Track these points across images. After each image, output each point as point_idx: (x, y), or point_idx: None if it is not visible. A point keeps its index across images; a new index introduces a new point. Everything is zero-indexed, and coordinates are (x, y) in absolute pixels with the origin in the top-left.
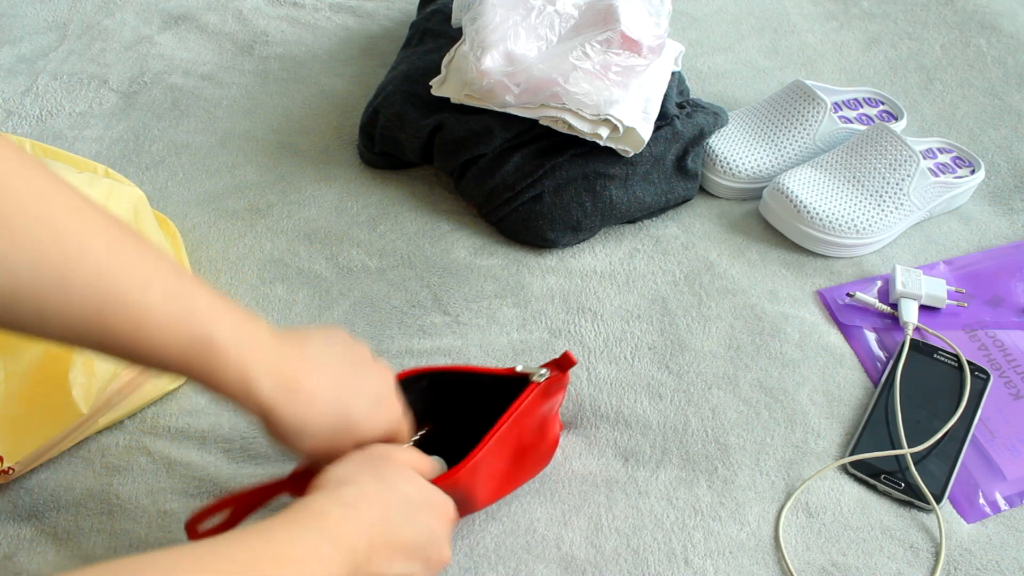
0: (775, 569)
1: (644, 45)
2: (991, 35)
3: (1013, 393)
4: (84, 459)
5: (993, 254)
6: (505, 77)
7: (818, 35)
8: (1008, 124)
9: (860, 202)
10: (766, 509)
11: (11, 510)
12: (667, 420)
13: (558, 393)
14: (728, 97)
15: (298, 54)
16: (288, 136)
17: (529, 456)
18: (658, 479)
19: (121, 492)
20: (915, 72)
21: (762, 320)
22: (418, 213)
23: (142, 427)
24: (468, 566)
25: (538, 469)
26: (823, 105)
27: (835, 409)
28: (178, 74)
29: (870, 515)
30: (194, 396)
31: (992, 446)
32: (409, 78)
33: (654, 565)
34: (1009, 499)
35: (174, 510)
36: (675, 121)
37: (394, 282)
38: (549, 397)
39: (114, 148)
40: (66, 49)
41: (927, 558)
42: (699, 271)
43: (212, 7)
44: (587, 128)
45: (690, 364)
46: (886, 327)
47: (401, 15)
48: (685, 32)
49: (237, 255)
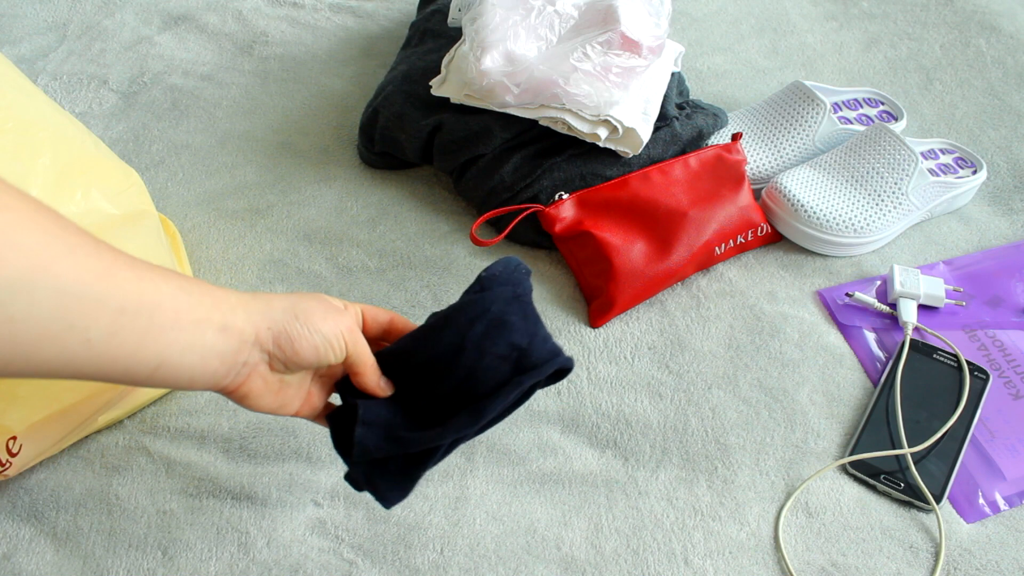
0: (775, 569)
1: (644, 46)
2: (991, 35)
3: (1013, 393)
4: (83, 459)
5: (993, 254)
6: (505, 77)
7: (818, 35)
8: (1008, 124)
9: (859, 201)
10: (766, 509)
11: (10, 509)
12: (667, 420)
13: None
14: (728, 97)
15: (298, 54)
16: (288, 136)
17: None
18: (658, 479)
19: (120, 492)
20: (915, 72)
21: (761, 320)
22: (418, 213)
23: (141, 427)
24: (468, 566)
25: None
26: (822, 106)
27: (835, 409)
28: (178, 74)
29: (870, 515)
30: (194, 396)
31: (992, 446)
32: (409, 78)
33: (654, 565)
34: (1009, 499)
35: (173, 510)
36: (674, 123)
37: (394, 282)
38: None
39: (114, 148)
40: (66, 49)
41: (927, 558)
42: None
43: (212, 7)
44: (586, 128)
45: (690, 364)
46: (885, 327)
47: (401, 15)
48: (685, 32)
49: (237, 255)
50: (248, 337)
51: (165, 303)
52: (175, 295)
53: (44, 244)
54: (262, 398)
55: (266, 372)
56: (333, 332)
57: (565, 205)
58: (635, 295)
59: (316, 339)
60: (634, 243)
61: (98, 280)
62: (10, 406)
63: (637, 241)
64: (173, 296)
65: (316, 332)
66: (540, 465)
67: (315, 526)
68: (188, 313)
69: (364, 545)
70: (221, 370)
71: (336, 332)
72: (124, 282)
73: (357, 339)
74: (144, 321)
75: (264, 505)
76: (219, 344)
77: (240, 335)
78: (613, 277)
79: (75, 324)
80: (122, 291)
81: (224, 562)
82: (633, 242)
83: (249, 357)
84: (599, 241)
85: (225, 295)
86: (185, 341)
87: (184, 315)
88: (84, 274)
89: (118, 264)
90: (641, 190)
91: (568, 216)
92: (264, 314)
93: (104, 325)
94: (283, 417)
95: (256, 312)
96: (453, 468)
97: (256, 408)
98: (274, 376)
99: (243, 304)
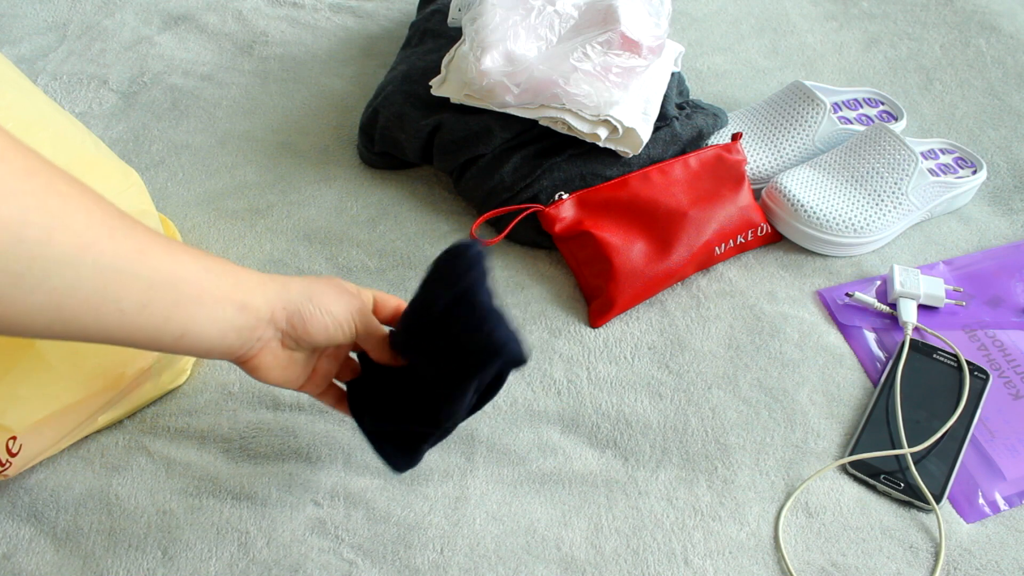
0: (775, 569)
1: (644, 46)
2: (991, 35)
3: (1012, 393)
4: (83, 458)
5: (993, 254)
6: (505, 77)
7: (818, 35)
8: (1008, 124)
9: (858, 201)
10: (766, 509)
11: (10, 509)
12: (667, 420)
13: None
14: (728, 97)
15: (298, 54)
16: (288, 136)
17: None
18: (658, 479)
19: (120, 491)
20: (915, 72)
21: (761, 320)
22: (418, 213)
23: (141, 427)
24: (468, 566)
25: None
26: (822, 106)
27: (835, 409)
28: (178, 74)
29: (870, 515)
30: (194, 396)
31: (992, 446)
32: (409, 78)
33: (654, 565)
34: (1009, 499)
35: (173, 510)
36: (674, 123)
37: (394, 282)
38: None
39: (114, 148)
40: (66, 49)
41: (927, 558)
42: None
43: (212, 7)
44: (586, 128)
45: (690, 364)
46: (885, 327)
47: (401, 15)
48: (685, 32)
49: (237, 255)
50: (264, 315)
51: (191, 280)
52: (200, 274)
53: (89, 225)
54: (271, 371)
55: (277, 348)
56: (343, 314)
57: (565, 205)
58: (635, 295)
59: (327, 320)
60: (634, 243)
61: (134, 258)
62: (10, 406)
63: (637, 241)
64: (198, 275)
65: (327, 313)
66: (540, 465)
67: (315, 526)
68: (211, 291)
69: (364, 545)
70: (237, 343)
71: (346, 314)
72: (156, 260)
73: (368, 320)
74: (172, 296)
75: (264, 505)
76: (238, 320)
77: (257, 313)
78: (613, 277)
79: (112, 296)
80: (154, 268)
81: (224, 562)
82: (633, 242)
83: (264, 333)
84: (599, 241)
85: (247, 276)
86: (207, 316)
87: (208, 293)
88: (122, 252)
89: (152, 244)
90: (641, 190)
91: (568, 216)
92: (280, 295)
93: (136, 298)
94: (283, 417)
95: (273, 293)
96: (453, 468)
97: (265, 379)
98: (284, 352)
99: (261, 285)
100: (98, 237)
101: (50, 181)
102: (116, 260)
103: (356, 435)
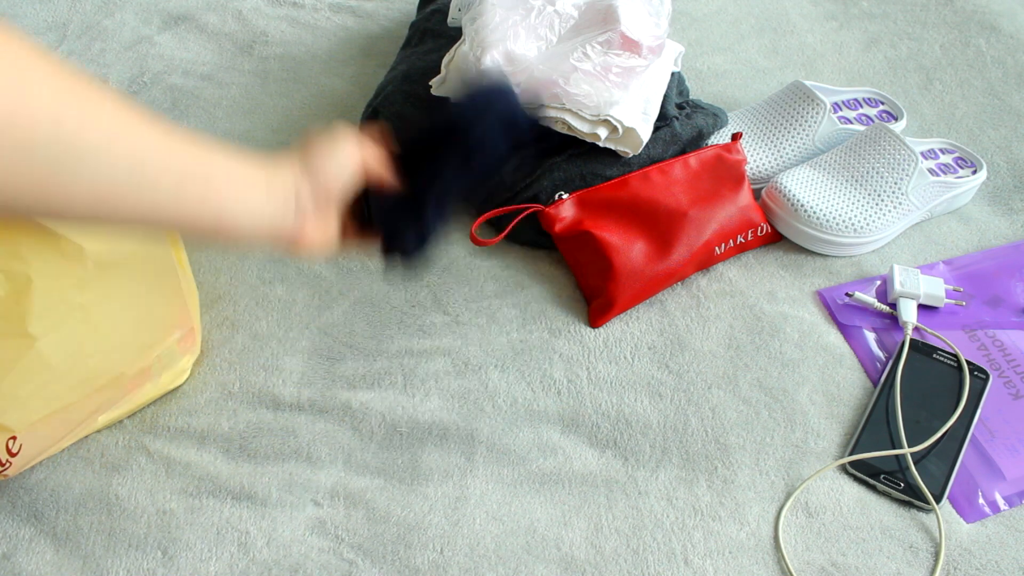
0: (775, 569)
1: (644, 45)
2: (991, 35)
3: (1012, 393)
4: (83, 458)
5: (993, 254)
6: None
7: (818, 35)
8: (1008, 124)
9: (858, 201)
10: (766, 509)
11: (10, 509)
12: (667, 420)
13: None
14: (728, 97)
15: (298, 54)
16: (288, 136)
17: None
18: (658, 479)
19: (120, 491)
20: (915, 72)
21: (761, 320)
22: None
23: (141, 426)
24: (468, 566)
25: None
26: (822, 106)
27: (835, 409)
28: (178, 74)
29: (870, 515)
30: (193, 396)
31: (992, 446)
32: (409, 78)
33: (654, 565)
34: (1009, 499)
35: (173, 509)
36: (674, 123)
37: (394, 282)
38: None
39: None
40: (66, 49)
41: (927, 558)
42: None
43: (212, 7)
44: (586, 128)
45: (690, 364)
46: (885, 327)
47: (401, 15)
48: (685, 32)
49: (237, 255)
50: (290, 183)
51: (217, 162)
52: (222, 155)
53: (116, 117)
54: (315, 235)
55: (312, 213)
56: (351, 159)
57: (565, 205)
58: (635, 295)
59: (336, 163)
60: (634, 243)
61: (160, 144)
62: (10, 406)
63: (637, 241)
64: (222, 155)
65: (333, 159)
66: (540, 465)
67: (315, 526)
68: (238, 167)
69: (364, 545)
70: (279, 212)
71: (353, 158)
72: (182, 145)
73: (367, 154)
74: (203, 174)
75: (264, 505)
76: (272, 186)
77: (283, 181)
78: (613, 277)
79: (147, 183)
80: (182, 152)
81: (224, 562)
82: (633, 242)
83: (296, 202)
84: (599, 241)
85: (264, 160)
86: (240, 190)
87: (235, 169)
88: (149, 139)
89: (173, 131)
90: (641, 190)
91: (568, 216)
92: (293, 162)
93: (169, 180)
94: (283, 417)
95: (286, 162)
96: (453, 468)
97: (313, 247)
98: (319, 216)
99: (274, 159)
100: (126, 126)
101: (75, 79)
102: (144, 146)
103: (356, 435)
